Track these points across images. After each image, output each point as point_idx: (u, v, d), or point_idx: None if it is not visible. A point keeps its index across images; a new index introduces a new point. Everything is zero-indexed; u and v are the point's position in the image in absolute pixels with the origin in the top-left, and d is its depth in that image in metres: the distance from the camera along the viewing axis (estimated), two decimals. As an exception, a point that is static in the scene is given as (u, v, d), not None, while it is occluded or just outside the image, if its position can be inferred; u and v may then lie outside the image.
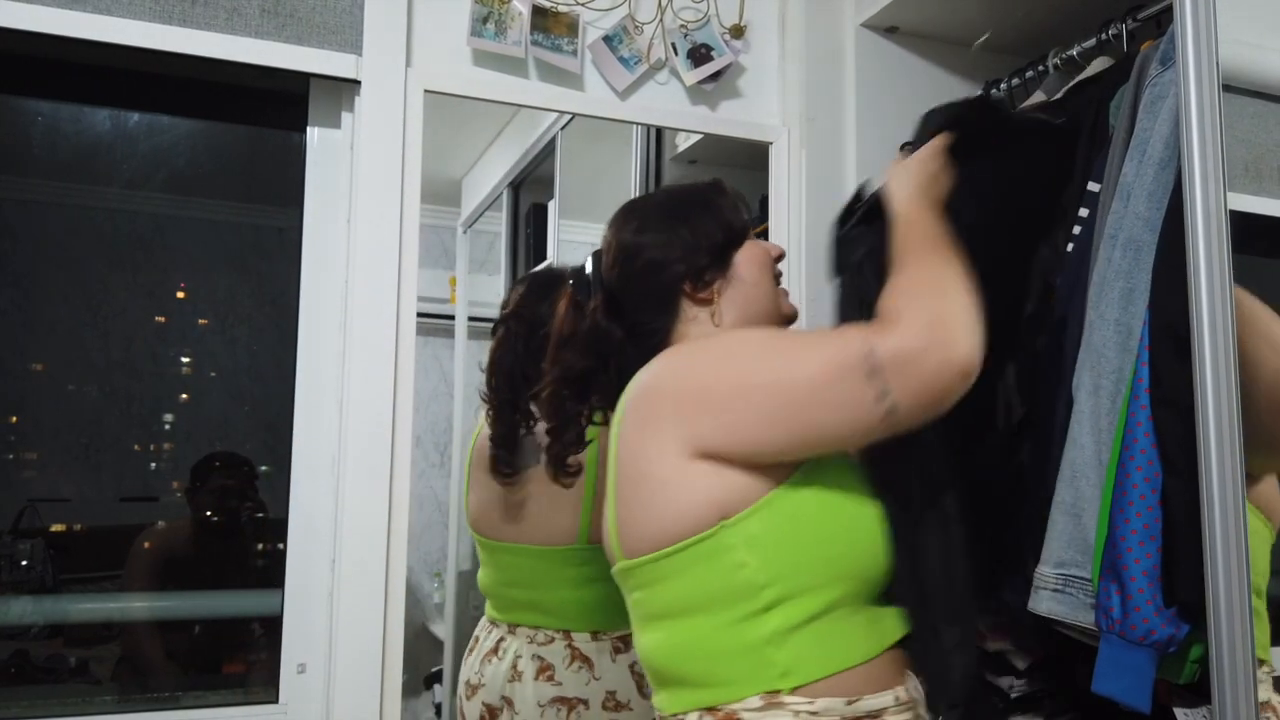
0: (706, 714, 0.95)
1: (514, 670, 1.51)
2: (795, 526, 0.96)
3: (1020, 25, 1.65)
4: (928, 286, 0.94)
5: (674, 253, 1.11)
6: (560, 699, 1.47)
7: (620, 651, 1.50)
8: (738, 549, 0.95)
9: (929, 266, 0.97)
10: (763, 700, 0.93)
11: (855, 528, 0.99)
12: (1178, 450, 1.00)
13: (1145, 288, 1.07)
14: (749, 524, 0.95)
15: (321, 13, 1.45)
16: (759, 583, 0.94)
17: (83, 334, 1.47)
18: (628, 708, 1.46)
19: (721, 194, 1.17)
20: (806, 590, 0.95)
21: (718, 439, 0.94)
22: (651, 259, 1.12)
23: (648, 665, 1.03)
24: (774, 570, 0.94)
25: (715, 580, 0.95)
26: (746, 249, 1.14)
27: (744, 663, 0.94)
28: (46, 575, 1.43)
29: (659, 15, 1.64)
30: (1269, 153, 1.11)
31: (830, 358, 0.92)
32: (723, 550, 0.95)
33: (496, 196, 2.61)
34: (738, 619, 0.95)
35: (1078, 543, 1.08)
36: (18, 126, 1.45)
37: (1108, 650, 1.02)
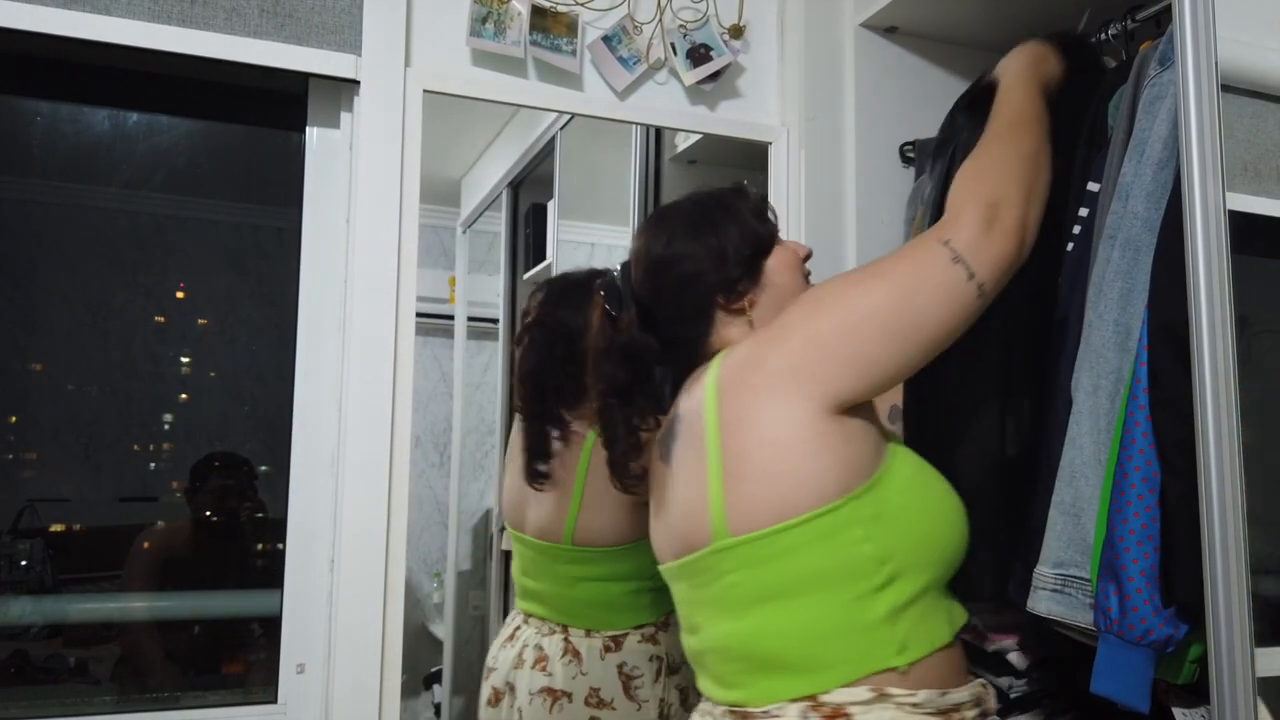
0: (812, 709, 0.94)
1: (519, 658, 1.56)
2: (904, 504, 1.00)
3: (1020, 25, 1.65)
4: (991, 171, 1.05)
5: (705, 265, 1.12)
6: (548, 689, 1.50)
7: (610, 651, 1.51)
8: (858, 524, 0.96)
9: (1001, 146, 1.08)
10: (872, 691, 0.93)
11: (947, 509, 1.04)
12: (1176, 450, 1.00)
13: (1144, 288, 1.07)
14: (867, 500, 0.97)
15: (320, 13, 1.44)
16: (878, 559, 0.96)
17: (82, 334, 1.47)
18: (610, 706, 1.48)
19: (746, 200, 1.17)
20: (911, 569, 0.98)
21: (848, 381, 0.98)
22: (683, 273, 1.12)
23: (739, 653, 1.00)
24: (889, 547, 0.97)
25: (836, 556, 0.96)
26: (776, 255, 1.15)
27: (861, 642, 0.95)
28: (46, 575, 1.43)
29: (658, 15, 1.64)
30: (1268, 153, 1.11)
31: (915, 262, 1.01)
32: (844, 526, 0.96)
33: (496, 196, 2.61)
34: (857, 596, 0.95)
35: (1077, 543, 1.08)
36: (17, 126, 1.45)
37: (1106, 650, 1.03)
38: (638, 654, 1.51)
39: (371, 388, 1.41)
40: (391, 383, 1.42)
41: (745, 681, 0.99)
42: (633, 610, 1.53)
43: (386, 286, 1.43)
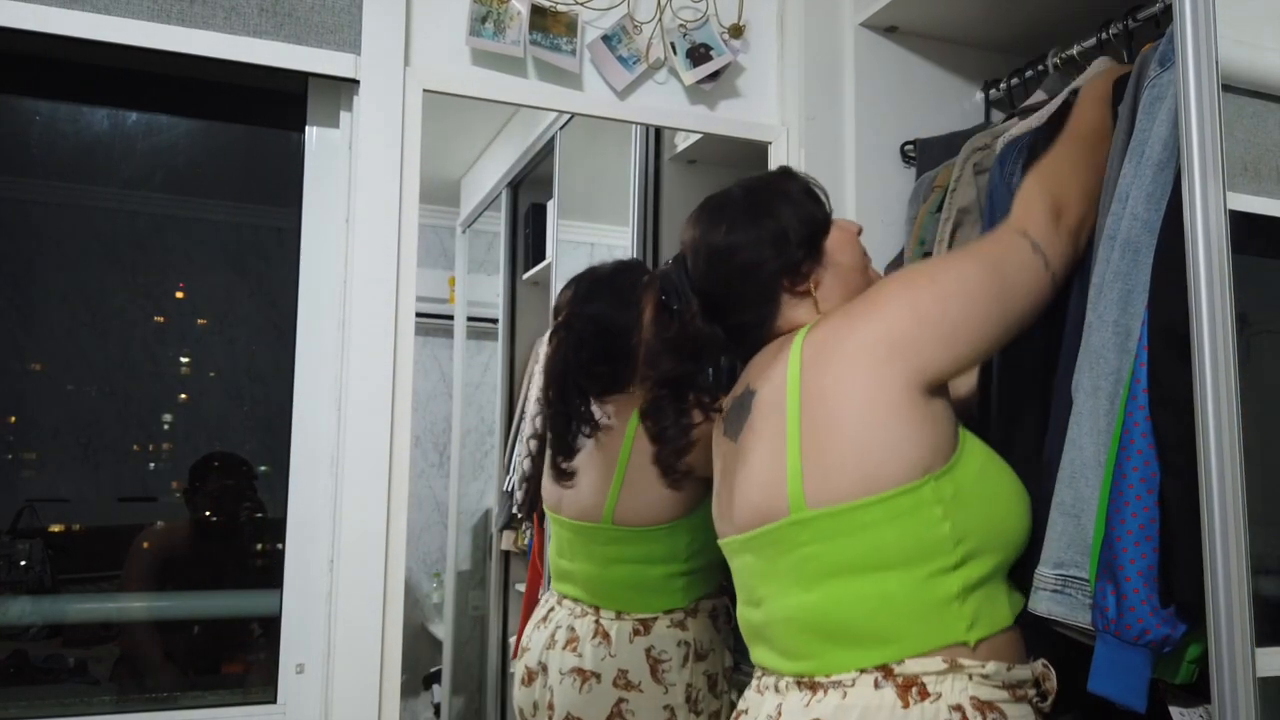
0: (885, 677, 0.97)
1: (551, 639, 1.60)
2: (980, 488, 1.04)
3: (1020, 25, 1.65)
4: (1060, 175, 1.13)
5: (766, 250, 1.13)
6: (578, 669, 1.53)
7: (639, 634, 1.54)
8: (937, 504, 0.99)
9: (1071, 153, 1.16)
10: (945, 662, 0.97)
11: (1017, 496, 1.08)
12: (1176, 451, 1.00)
13: (1144, 289, 1.07)
14: (946, 481, 1.00)
15: (320, 12, 1.44)
16: (954, 539, 0.99)
17: (81, 334, 1.46)
18: (637, 689, 1.50)
19: (796, 181, 1.19)
20: (983, 551, 1.01)
21: (941, 355, 1.03)
22: (747, 260, 1.13)
23: (810, 624, 1.02)
24: (965, 528, 1.00)
25: (915, 534, 0.99)
26: (834, 234, 1.17)
27: (933, 616, 0.99)
28: (45, 575, 1.43)
29: (658, 15, 1.64)
30: (1268, 153, 1.11)
31: (1004, 247, 1.08)
32: (924, 505, 0.99)
33: (495, 196, 2.61)
34: (932, 574, 0.99)
35: (1077, 543, 1.08)
36: (16, 126, 1.45)
37: (1103, 650, 1.03)
38: (666, 638, 1.53)
39: (371, 388, 1.41)
40: (391, 383, 1.42)
41: (815, 652, 1.01)
42: (665, 594, 1.56)
43: (386, 286, 1.43)
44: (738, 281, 1.14)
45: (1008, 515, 1.06)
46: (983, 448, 1.08)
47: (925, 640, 0.98)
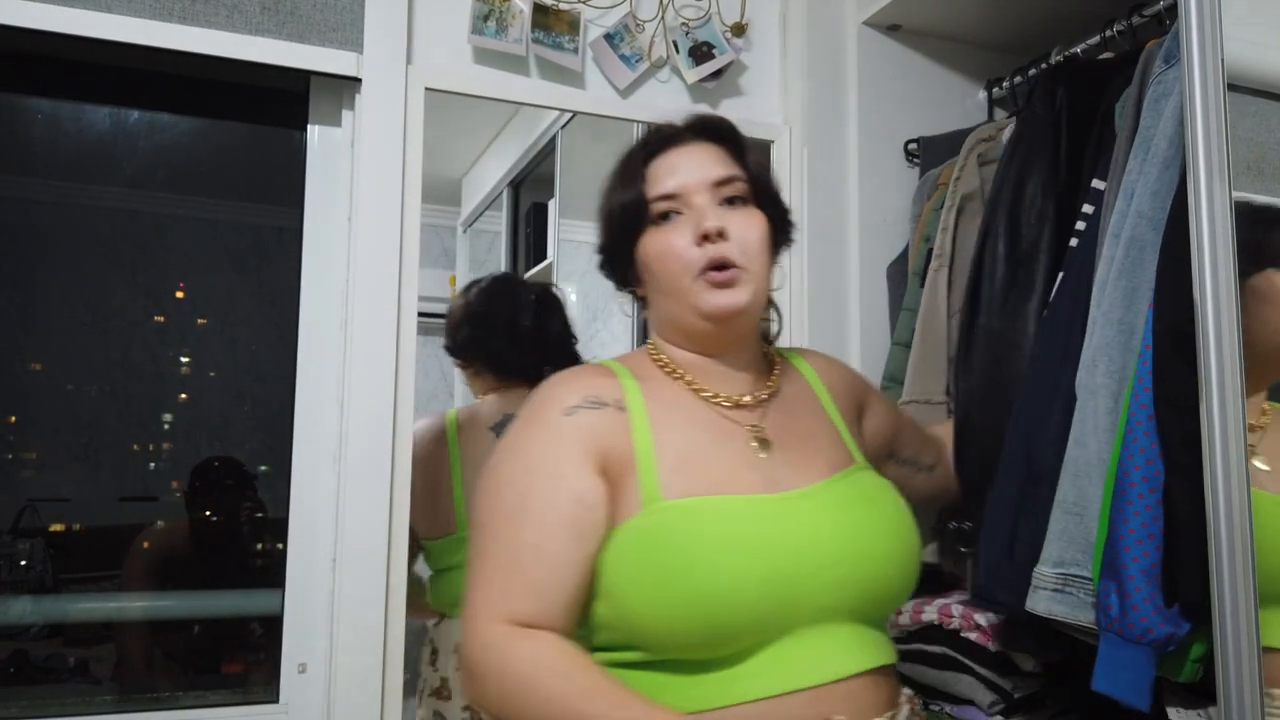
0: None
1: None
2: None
3: (1023, 23, 1.65)
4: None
5: (598, 249, 1.08)
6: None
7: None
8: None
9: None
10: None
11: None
12: (1180, 449, 1.00)
13: (1148, 286, 1.07)
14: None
15: (322, 10, 1.44)
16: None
17: (82, 334, 1.46)
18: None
19: (628, 171, 1.04)
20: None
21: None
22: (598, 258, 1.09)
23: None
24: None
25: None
26: (649, 240, 1.01)
27: None
28: (46, 575, 1.43)
29: (660, 13, 1.64)
30: (1272, 151, 1.11)
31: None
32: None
33: (497, 196, 2.61)
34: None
35: (1079, 542, 1.08)
36: (17, 124, 1.45)
37: (1107, 649, 1.02)
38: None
39: (373, 387, 1.40)
40: (393, 382, 1.42)
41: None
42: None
43: (388, 285, 1.43)
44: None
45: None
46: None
47: None
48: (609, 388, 0.98)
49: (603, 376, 1.00)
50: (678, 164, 1.02)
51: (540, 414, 0.96)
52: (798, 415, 1.04)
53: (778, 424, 1.02)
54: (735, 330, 1.02)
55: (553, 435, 0.94)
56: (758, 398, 1.03)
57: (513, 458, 0.95)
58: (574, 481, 0.91)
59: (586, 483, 0.92)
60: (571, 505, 0.91)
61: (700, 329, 1.00)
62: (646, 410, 0.97)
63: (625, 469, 0.93)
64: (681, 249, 0.98)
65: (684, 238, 0.98)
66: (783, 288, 1.65)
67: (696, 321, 0.99)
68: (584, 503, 0.91)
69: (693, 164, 1.01)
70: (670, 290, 0.99)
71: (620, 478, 0.93)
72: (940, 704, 1.37)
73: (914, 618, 1.42)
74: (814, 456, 1.00)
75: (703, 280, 0.97)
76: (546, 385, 1.00)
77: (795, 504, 0.94)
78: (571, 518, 0.90)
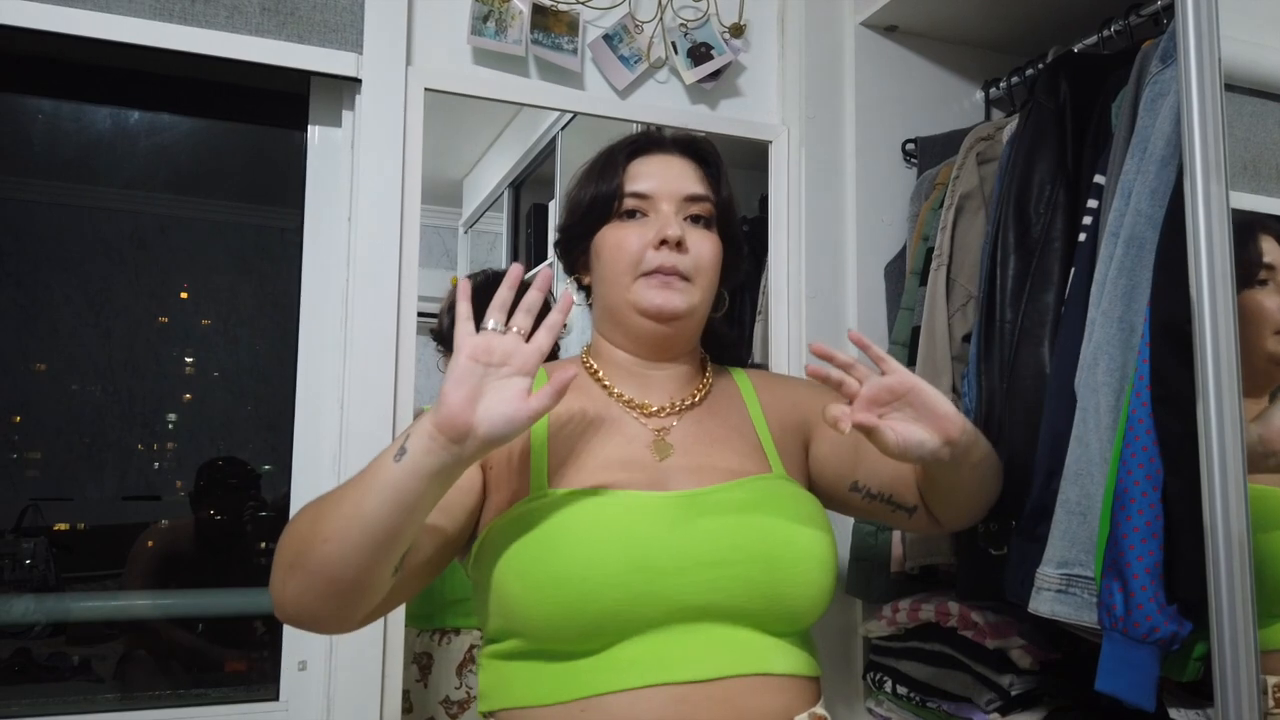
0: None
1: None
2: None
3: (1020, 23, 1.65)
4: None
5: (559, 229, 1.10)
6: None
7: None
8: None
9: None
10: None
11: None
12: (1179, 447, 1.00)
13: (1147, 285, 1.07)
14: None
15: (322, 11, 1.45)
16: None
17: (85, 334, 1.47)
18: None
19: (612, 160, 1.06)
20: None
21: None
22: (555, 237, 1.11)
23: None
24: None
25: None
26: (608, 232, 1.04)
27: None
28: (49, 574, 1.43)
29: (659, 14, 1.64)
30: (1267, 151, 1.11)
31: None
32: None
33: (497, 197, 2.61)
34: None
35: (1082, 541, 1.08)
36: (18, 125, 1.46)
37: (1111, 648, 1.02)
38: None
39: (373, 387, 1.41)
40: (393, 382, 1.42)
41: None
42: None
43: (388, 286, 1.43)
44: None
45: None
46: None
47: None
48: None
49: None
50: (656, 170, 1.04)
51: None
52: (713, 425, 1.05)
53: (687, 432, 1.03)
54: (669, 336, 1.03)
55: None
56: (674, 406, 1.05)
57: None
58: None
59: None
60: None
61: (636, 325, 1.02)
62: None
63: (515, 459, 0.97)
64: (637, 246, 1.01)
65: (642, 237, 1.01)
66: (773, 295, 1.65)
67: (633, 317, 1.02)
68: (458, 486, 0.92)
69: (671, 173, 1.04)
70: (615, 282, 1.02)
71: (512, 470, 0.97)
72: (938, 701, 1.37)
73: (911, 616, 1.42)
74: (717, 463, 1.01)
75: (646, 279, 1.00)
76: None
77: (676, 502, 0.95)
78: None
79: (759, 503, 0.97)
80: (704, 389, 1.08)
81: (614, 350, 1.06)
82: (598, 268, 1.05)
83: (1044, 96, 1.31)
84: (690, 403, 1.06)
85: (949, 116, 1.71)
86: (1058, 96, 1.30)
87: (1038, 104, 1.31)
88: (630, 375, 1.06)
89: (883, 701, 1.50)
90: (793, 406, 1.12)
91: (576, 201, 1.06)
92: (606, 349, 1.07)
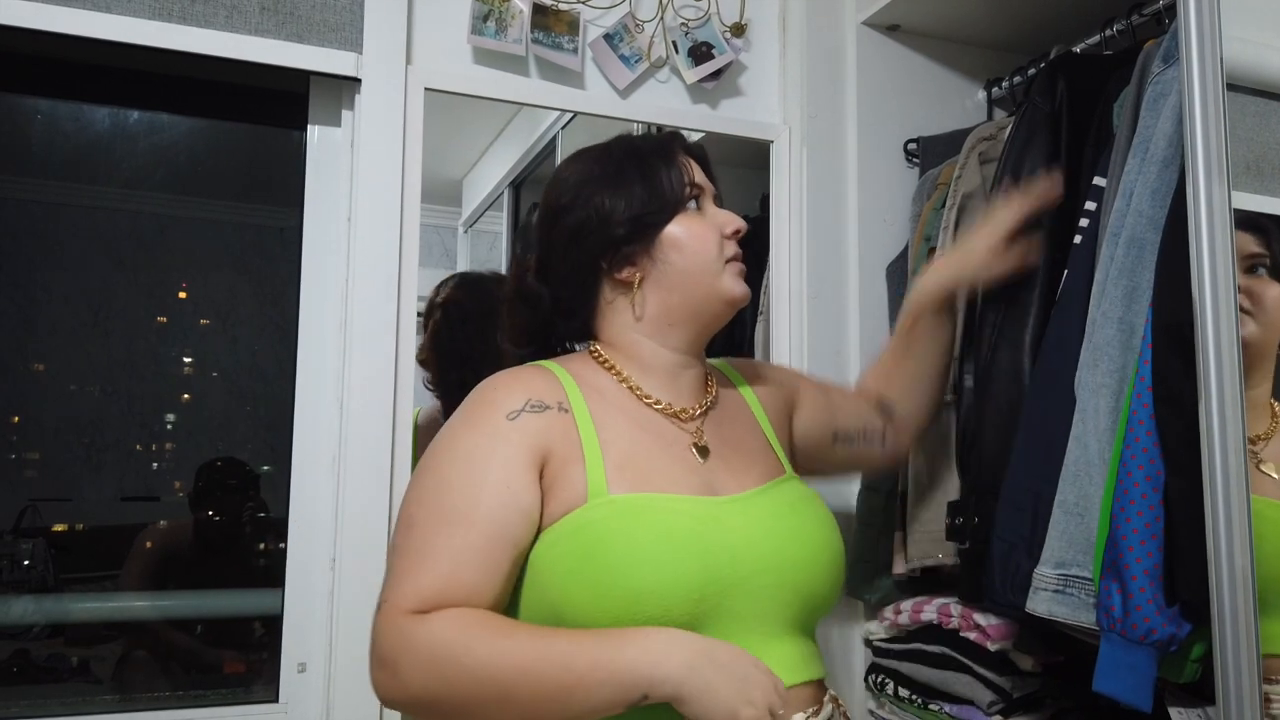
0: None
1: None
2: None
3: (1022, 22, 1.64)
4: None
5: (593, 221, 1.00)
6: None
7: None
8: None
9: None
10: None
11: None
12: (1180, 448, 0.99)
13: (1148, 286, 1.07)
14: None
15: (321, 10, 1.44)
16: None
17: (84, 334, 1.46)
18: None
19: (666, 151, 1.04)
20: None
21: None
22: (570, 225, 1.01)
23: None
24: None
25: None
26: (681, 223, 1.01)
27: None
28: (48, 575, 1.43)
29: (660, 13, 1.64)
30: (1271, 151, 1.11)
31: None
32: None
33: (497, 196, 2.61)
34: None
35: (1080, 542, 1.08)
36: (17, 125, 1.45)
37: (1108, 649, 1.02)
38: None
39: (372, 387, 1.41)
40: (393, 382, 1.42)
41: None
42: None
43: (388, 285, 1.43)
44: (560, 249, 1.03)
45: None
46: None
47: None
48: (550, 389, 0.97)
49: (542, 378, 0.99)
50: (694, 167, 1.06)
51: (484, 418, 0.94)
52: (732, 426, 1.07)
53: (714, 433, 1.04)
54: (722, 326, 1.07)
55: (499, 443, 0.92)
56: (699, 406, 1.05)
57: (455, 460, 0.93)
58: (520, 494, 0.91)
59: (530, 495, 0.91)
60: (519, 518, 0.90)
61: (715, 315, 1.04)
62: (589, 410, 0.97)
63: (569, 465, 0.93)
64: (715, 236, 1.02)
65: (718, 228, 1.03)
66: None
67: (715, 305, 1.03)
68: (529, 517, 0.91)
69: (700, 171, 1.07)
70: (699, 271, 1.01)
71: (562, 474, 0.93)
72: (939, 703, 1.37)
73: (913, 617, 1.42)
74: (748, 466, 1.02)
75: (732, 266, 1.02)
76: (487, 387, 0.98)
77: (730, 508, 0.95)
78: (516, 532, 0.90)
79: (790, 507, 1.00)
80: (714, 388, 1.09)
81: (658, 349, 1.04)
82: (674, 259, 1.01)
83: (1040, 98, 1.31)
84: (710, 404, 1.06)
85: (951, 116, 1.71)
86: (1054, 98, 1.30)
87: (1032, 105, 1.31)
88: (663, 376, 1.04)
89: (884, 703, 1.49)
90: (778, 389, 1.15)
91: (651, 189, 1.01)
92: (645, 349, 1.03)
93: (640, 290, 1.02)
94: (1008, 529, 1.17)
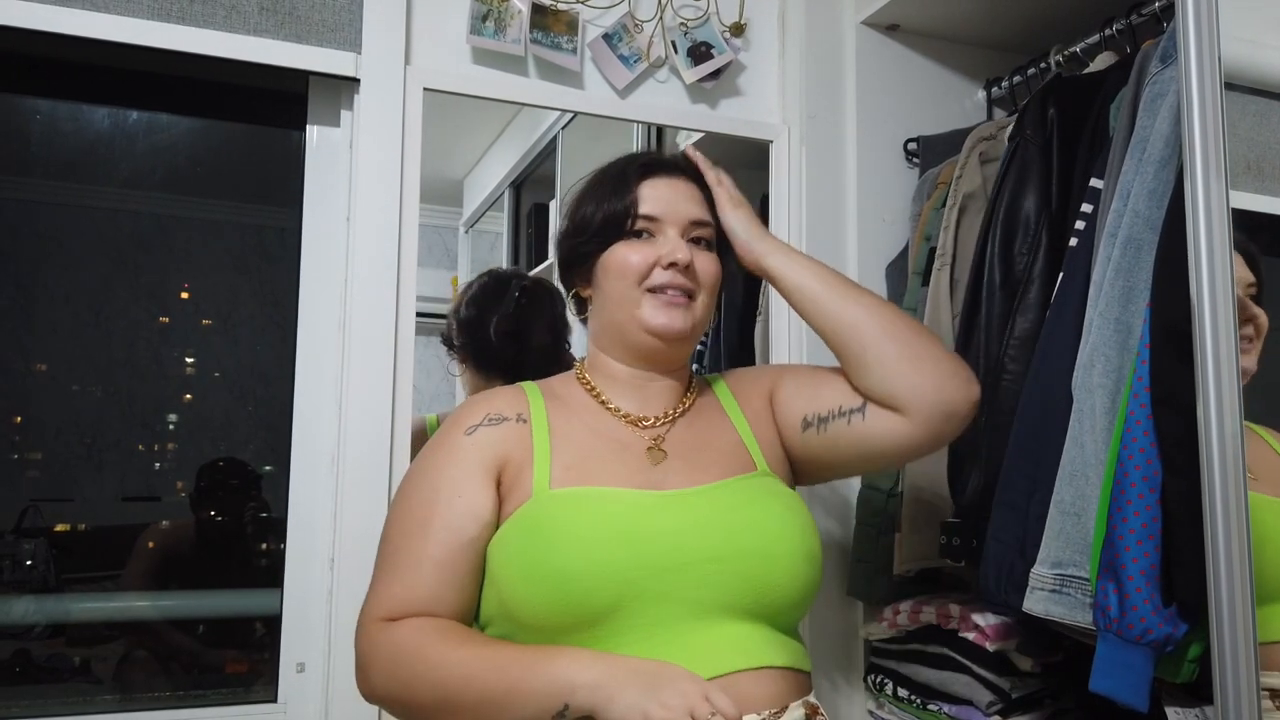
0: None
1: None
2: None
3: (1021, 22, 1.64)
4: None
5: (562, 234, 1.12)
6: None
7: None
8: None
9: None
10: None
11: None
12: (1177, 449, 0.99)
13: (1145, 286, 1.07)
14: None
15: (321, 10, 1.45)
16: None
17: (85, 334, 1.47)
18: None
19: (621, 179, 1.08)
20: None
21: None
22: (558, 234, 1.13)
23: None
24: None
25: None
26: (617, 249, 1.06)
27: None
28: (49, 575, 1.43)
29: (659, 13, 1.64)
30: (1272, 151, 1.11)
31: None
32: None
33: (498, 196, 2.61)
34: None
35: (1077, 542, 1.08)
36: (17, 125, 1.46)
37: (1105, 649, 1.02)
38: None
39: (371, 387, 1.41)
40: (392, 382, 1.42)
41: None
42: None
43: (387, 285, 1.43)
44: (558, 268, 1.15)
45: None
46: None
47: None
48: (513, 404, 1.06)
49: (510, 395, 1.08)
50: (665, 193, 1.08)
51: (446, 436, 1.03)
52: (702, 430, 1.10)
53: (679, 438, 1.07)
54: (669, 352, 1.08)
55: (455, 456, 1.00)
56: (666, 416, 1.09)
57: (419, 477, 1.02)
58: (472, 500, 0.98)
59: (483, 499, 0.98)
60: (471, 522, 0.97)
61: (640, 341, 1.06)
62: (548, 420, 1.04)
63: (523, 470, 1.00)
64: (643, 265, 1.05)
65: (649, 257, 1.05)
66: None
67: (638, 334, 1.06)
68: (481, 519, 0.97)
69: (679, 197, 1.09)
70: (621, 299, 1.06)
71: (517, 478, 1.00)
72: (938, 704, 1.37)
73: (912, 618, 1.42)
74: (708, 465, 1.05)
75: (653, 297, 1.04)
76: (459, 407, 1.08)
77: (674, 500, 0.99)
78: (471, 536, 0.97)
79: (749, 500, 1.01)
80: (692, 398, 1.13)
81: (612, 364, 1.10)
82: (604, 283, 1.07)
83: (1030, 128, 1.31)
84: (680, 412, 1.10)
85: (951, 116, 1.71)
86: (1045, 127, 1.30)
87: (1024, 138, 1.32)
88: (627, 387, 1.10)
89: (884, 704, 1.49)
90: (759, 389, 1.16)
91: (585, 218, 1.09)
92: (604, 363, 1.11)
93: (592, 308, 1.12)
94: (1004, 529, 1.18)
